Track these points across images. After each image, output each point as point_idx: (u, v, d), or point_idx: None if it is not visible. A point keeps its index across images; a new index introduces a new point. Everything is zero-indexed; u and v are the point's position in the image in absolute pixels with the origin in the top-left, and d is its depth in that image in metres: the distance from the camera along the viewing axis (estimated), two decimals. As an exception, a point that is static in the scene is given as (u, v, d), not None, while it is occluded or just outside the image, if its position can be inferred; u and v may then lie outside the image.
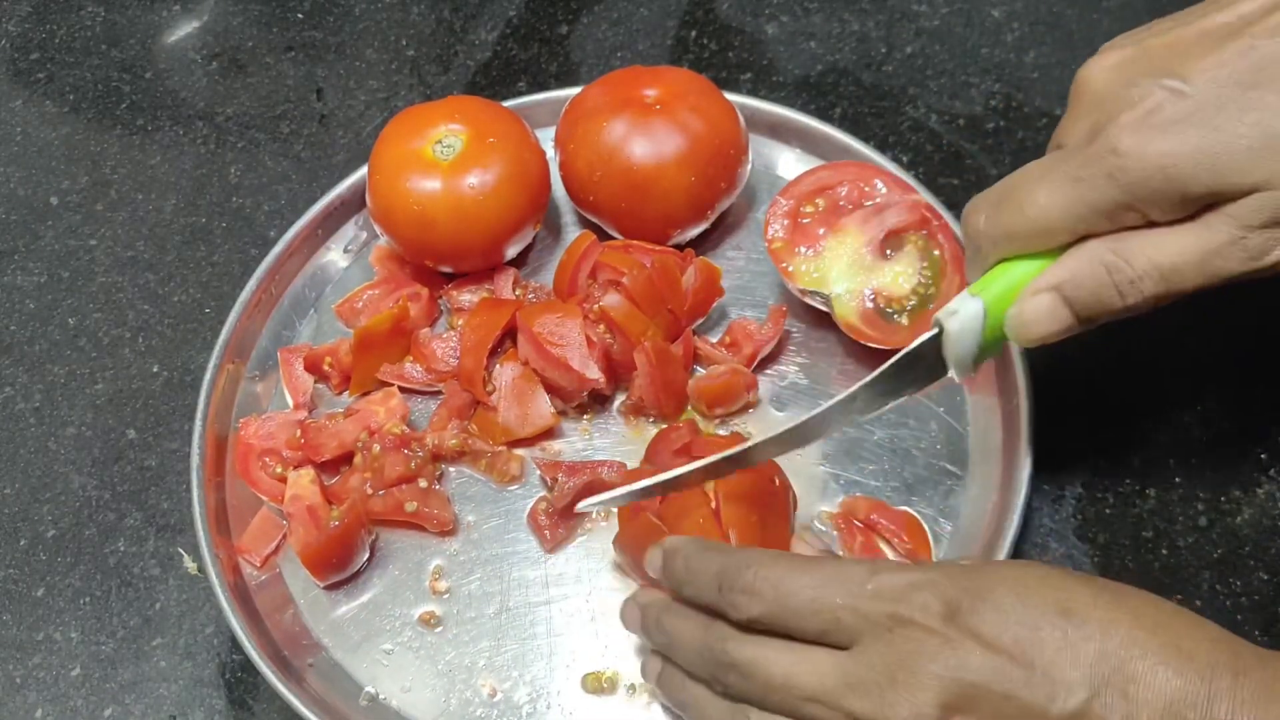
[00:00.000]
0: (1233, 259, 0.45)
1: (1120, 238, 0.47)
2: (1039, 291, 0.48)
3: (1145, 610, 0.43)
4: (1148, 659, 0.41)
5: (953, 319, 0.50)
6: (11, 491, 0.67)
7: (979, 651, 0.42)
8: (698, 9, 0.82)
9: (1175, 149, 0.44)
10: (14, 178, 0.79)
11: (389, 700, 0.58)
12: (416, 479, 0.61)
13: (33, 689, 0.61)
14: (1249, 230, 0.45)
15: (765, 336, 0.64)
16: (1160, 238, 0.46)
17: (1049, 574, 0.44)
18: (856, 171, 0.65)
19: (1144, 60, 0.47)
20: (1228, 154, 0.44)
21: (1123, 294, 0.47)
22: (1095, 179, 0.46)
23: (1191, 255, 0.46)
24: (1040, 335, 0.49)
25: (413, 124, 0.66)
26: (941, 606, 0.43)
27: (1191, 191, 0.45)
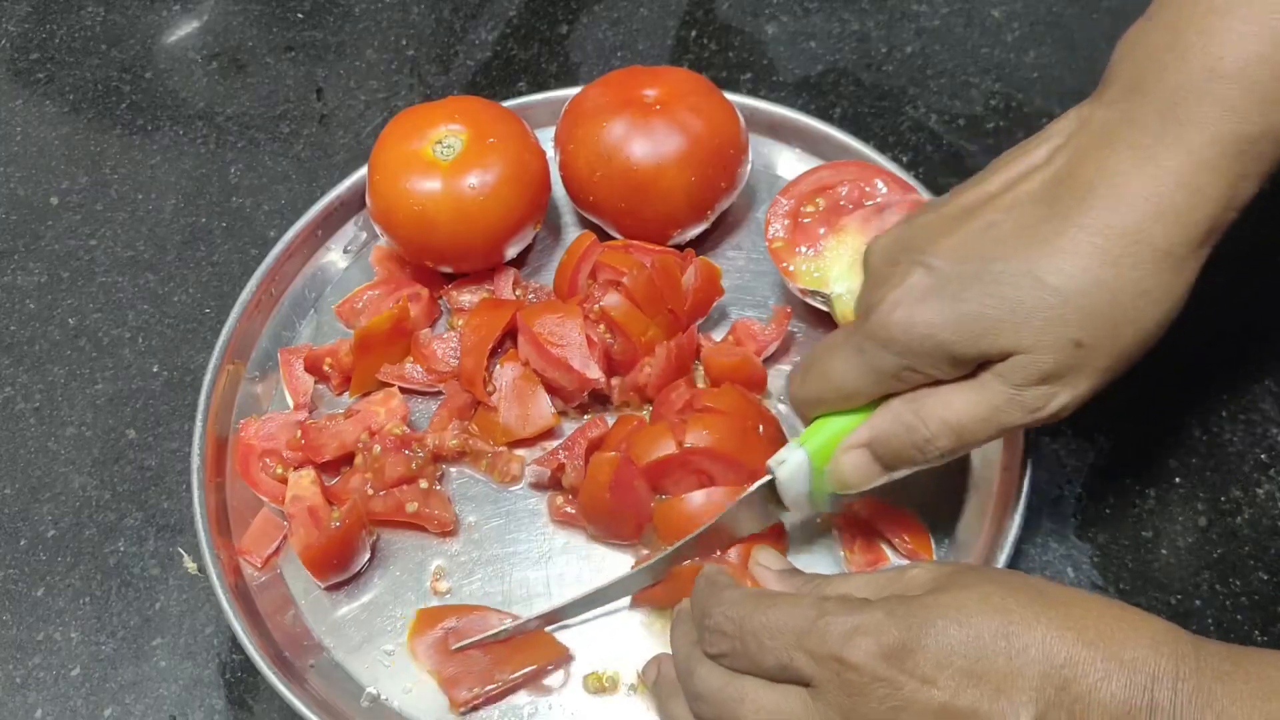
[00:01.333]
0: (1014, 413, 0.49)
1: (917, 396, 0.51)
2: (850, 448, 0.53)
3: (1088, 622, 0.43)
4: (1090, 676, 0.42)
5: (781, 467, 0.55)
6: (11, 491, 0.67)
7: (921, 691, 0.43)
8: (698, 9, 0.82)
9: (934, 319, 0.48)
10: (14, 178, 0.79)
11: (390, 701, 0.58)
12: (417, 479, 0.61)
13: (33, 689, 0.61)
14: (1020, 389, 0.48)
15: (769, 336, 0.65)
16: (949, 396, 0.50)
17: (990, 595, 0.44)
18: (857, 171, 0.65)
19: (906, 239, 0.51)
20: (979, 322, 0.48)
21: (922, 451, 0.51)
22: (876, 349, 0.50)
23: (977, 413, 0.49)
24: (856, 485, 0.53)
25: (413, 124, 0.66)
26: (881, 649, 0.43)
27: (958, 354, 0.48)
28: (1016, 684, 0.42)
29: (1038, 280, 0.47)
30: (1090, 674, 0.42)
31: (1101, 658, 0.42)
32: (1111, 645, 0.42)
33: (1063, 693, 0.42)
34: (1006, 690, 0.42)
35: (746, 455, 0.57)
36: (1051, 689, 0.42)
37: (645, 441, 0.58)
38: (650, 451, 0.58)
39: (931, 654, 0.43)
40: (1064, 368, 0.47)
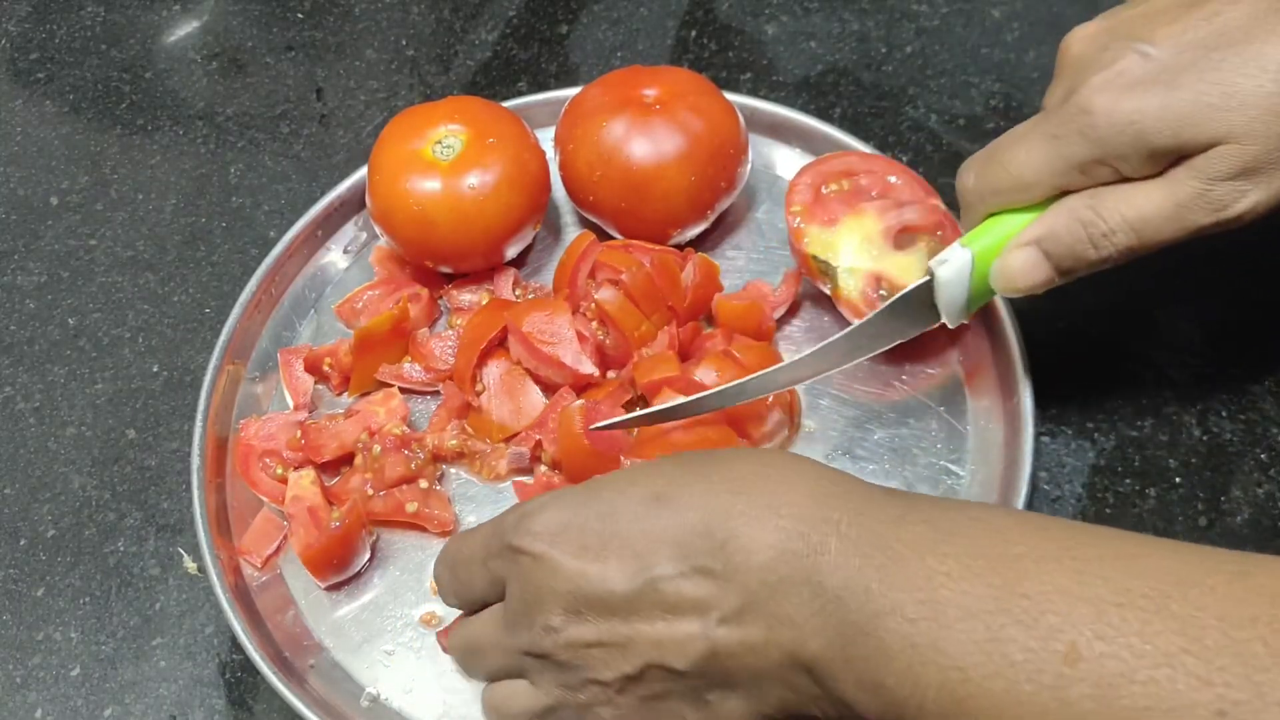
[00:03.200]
0: (1199, 211, 0.48)
1: (1096, 193, 0.50)
2: (1021, 246, 0.51)
3: (746, 474, 0.43)
4: (738, 519, 0.42)
5: (943, 267, 0.53)
6: (11, 491, 0.67)
7: (580, 565, 0.44)
8: (698, 9, 0.82)
9: (1141, 106, 0.47)
10: (14, 178, 0.79)
11: (390, 701, 0.58)
12: (417, 480, 0.61)
13: (33, 689, 0.61)
14: (1213, 183, 0.47)
15: (780, 299, 0.65)
16: (1132, 193, 0.49)
17: (659, 464, 0.46)
18: (884, 166, 0.65)
19: (1118, 27, 0.50)
20: (1190, 111, 0.47)
21: (1097, 247, 0.50)
22: (1069, 136, 0.49)
23: (1161, 208, 0.48)
24: (1023, 287, 0.52)
25: (413, 124, 0.66)
26: (543, 528, 0.45)
27: (1158, 146, 0.47)
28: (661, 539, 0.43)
29: (1258, 67, 0.46)
30: (737, 518, 0.42)
31: (749, 503, 0.42)
32: (764, 494, 0.43)
33: (708, 540, 0.42)
34: (650, 549, 0.43)
35: (744, 416, 0.58)
36: (698, 540, 0.42)
37: (650, 363, 0.59)
38: (652, 371, 0.59)
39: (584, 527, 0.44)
40: (1266, 161, 0.47)
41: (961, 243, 0.53)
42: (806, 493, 0.42)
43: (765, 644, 0.42)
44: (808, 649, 0.41)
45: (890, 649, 0.39)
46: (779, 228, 0.69)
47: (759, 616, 0.41)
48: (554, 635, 0.45)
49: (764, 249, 0.69)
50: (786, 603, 0.41)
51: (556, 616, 0.44)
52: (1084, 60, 0.50)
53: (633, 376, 0.62)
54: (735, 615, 0.42)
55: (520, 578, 0.45)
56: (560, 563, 0.44)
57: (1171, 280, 0.66)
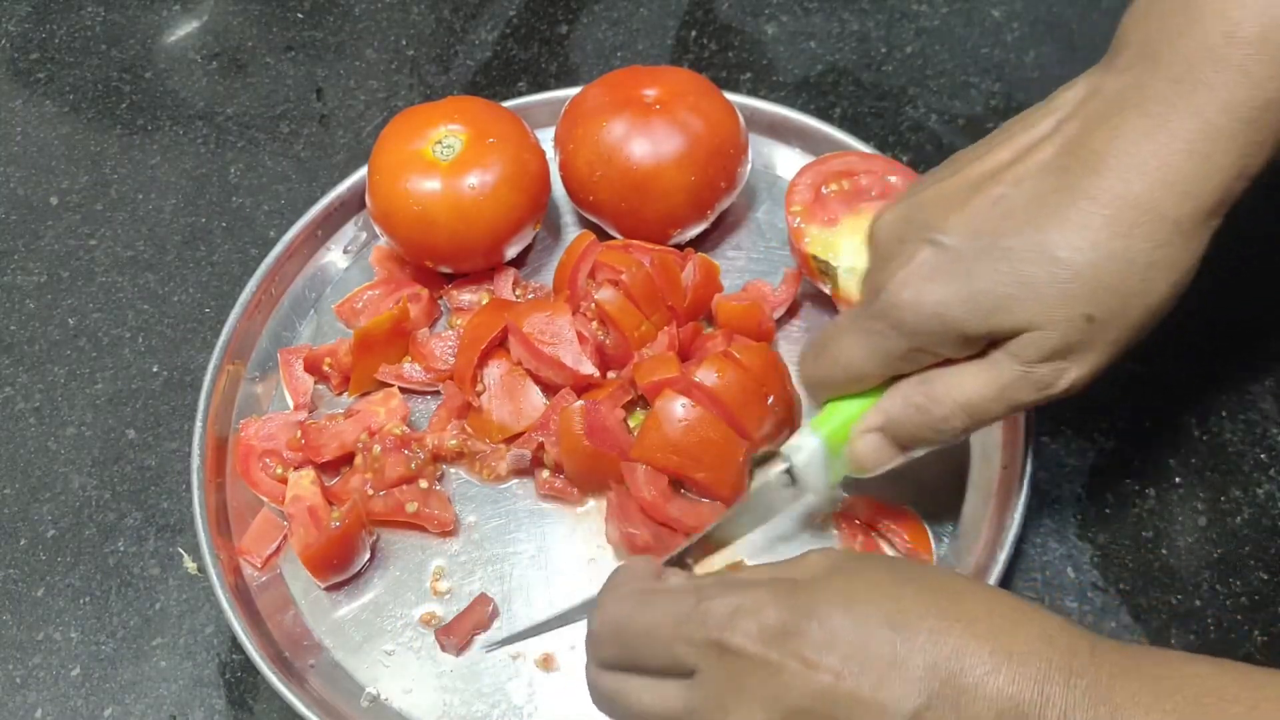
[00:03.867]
0: (1024, 391, 0.49)
1: (926, 377, 0.51)
2: (865, 432, 0.53)
3: (979, 614, 0.42)
4: (978, 670, 0.41)
5: (798, 454, 0.55)
6: (11, 491, 0.67)
7: (803, 674, 0.42)
8: (698, 9, 0.82)
9: (944, 297, 0.48)
10: (14, 178, 0.79)
11: (390, 701, 0.58)
12: (417, 480, 0.61)
13: (33, 689, 0.61)
14: (1031, 365, 0.48)
15: (780, 299, 0.65)
16: (960, 376, 0.50)
17: (880, 582, 0.44)
18: (884, 166, 0.65)
19: (914, 215, 0.50)
20: (990, 300, 0.47)
21: (937, 430, 0.51)
22: (885, 331, 0.50)
23: (988, 392, 0.49)
24: (874, 468, 0.54)
25: (413, 124, 0.66)
26: (761, 631, 0.42)
27: (968, 333, 0.48)
28: (901, 673, 0.41)
29: (1048, 255, 0.46)
30: (978, 667, 0.41)
31: (990, 650, 0.41)
32: (1001, 638, 0.42)
33: (948, 685, 0.41)
34: (890, 679, 0.41)
35: (745, 416, 0.58)
36: (937, 681, 0.41)
37: (651, 364, 0.59)
38: (652, 372, 0.59)
39: (814, 637, 0.42)
40: (1075, 343, 0.47)
41: (810, 427, 0.55)
42: (1040, 637, 0.42)
43: None
44: None
45: None
46: (779, 228, 0.69)
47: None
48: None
49: (764, 249, 0.69)
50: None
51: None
52: (886, 253, 0.51)
53: (633, 377, 0.62)
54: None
55: (725, 679, 0.43)
56: (782, 672, 0.42)
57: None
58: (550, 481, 0.61)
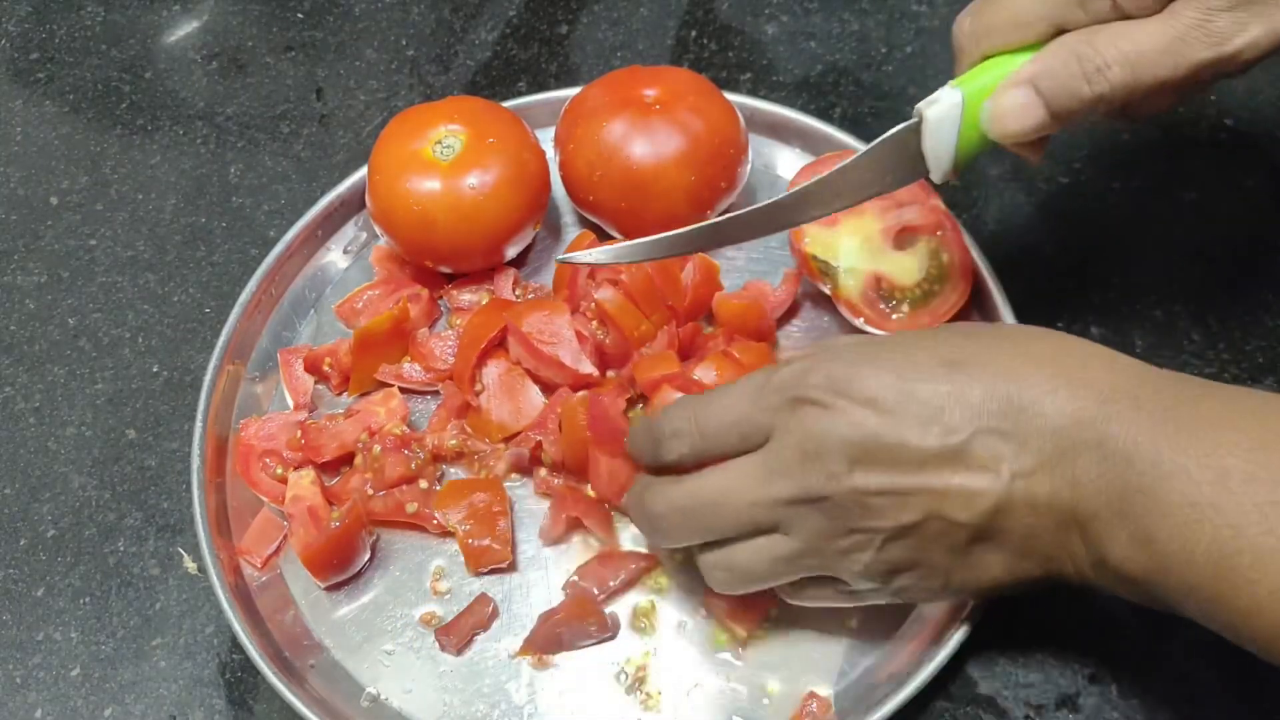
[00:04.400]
0: (1198, 44, 0.47)
1: (1093, 30, 0.48)
2: (1015, 84, 0.50)
3: (1044, 348, 0.45)
4: (1036, 389, 0.44)
5: (932, 107, 0.51)
6: (11, 491, 0.67)
7: (863, 412, 0.45)
8: (698, 9, 0.82)
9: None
10: (14, 178, 0.79)
11: (390, 701, 0.58)
12: (417, 480, 0.61)
13: (33, 689, 0.61)
14: (1214, 13, 0.46)
15: (780, 299, 0.65)
16: (1130, 28, 0.48)
17: (945, 332, 0.47)
18: None
19: None
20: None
21: (1091, 82, 0.48)
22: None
23: (1159, 41, 0.47)
24: (1014, 130, 0.50)
25: (413, 124, 0.66)
26: (828, 381, 0.46)
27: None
28: (958, 399, 0.44)
29: None
30: (1036, 387, 0.44)
31: (1050, 374, 0.44)
32: (1065, 364, 0.44)
33: (1006, 404, 0.44)
34: (948, 407, 0.44)
35: None
36: (995, 403, 0.44)
37: (650, 361, 0.60)
38: (652, 369, 0.59)
39: (875, 380, 0.45)
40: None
41: (953, 84, 0.51)
42: (1104, 368, 0.44)
43: (1048, 502, 0.44)
44: (1087, 506, 0.43)
45: (1168, 505, 0.41)
46: (779, 228, 0.69)
47: (1047, 477, 0.44)
48: (836, 480, 0.46)
49: (764, 249, 0.69)
50: (1075, 464, 0.43)
51: (841, 464, 0.46)
52: None
53: (632, 374, 0.62)
54: (1026, 474, 0.44)
55: (800, 428, 0.46)
56: (851, 412, 0.45)
57: (1172, 280, 0.66)
58: (548, 480, 0.61)
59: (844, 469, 0.46)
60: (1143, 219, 0.69)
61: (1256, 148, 0.71)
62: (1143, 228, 0.69)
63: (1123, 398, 0.43)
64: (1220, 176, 0.70)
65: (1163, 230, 0.68)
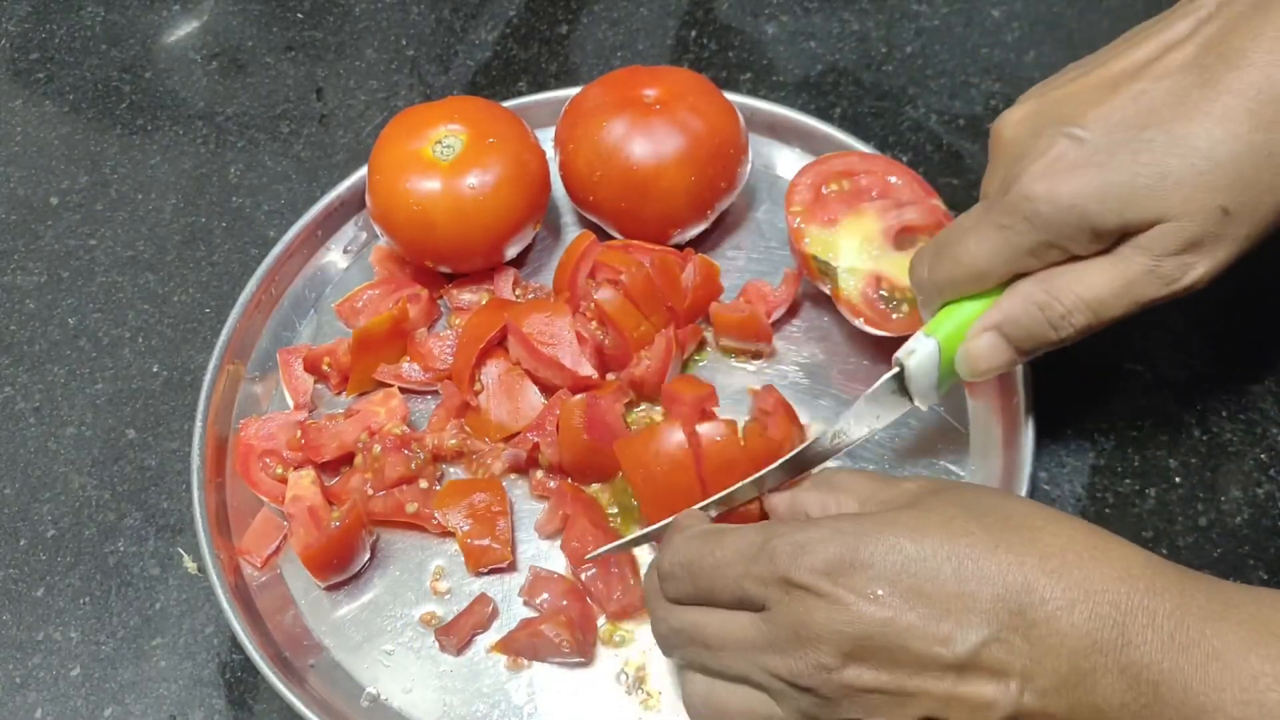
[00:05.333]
0: (1150, 285, 0.49)
1: (1048, 275, 0.50)
2: (982, 331, 0.53)
3: (1054, 549, 0.42)
4: (1051, 603, 0.41)
5: (911, 358, 0.54)
6: (11, 491, 0.67)
7: (865, 606, 0.43)
8: (698, 9, 0.82)
9: (1080, 190, 0.48)
10: (14, 178, 0.79)
11: (390, 701, 0.58)
12: (417, 480, 0.61)
13: (33, 689, 0.61)
14: (1160, 259, 0.48)
15: (779, 298, 0.65)
16: (1084, 273, 0.50)
17: (953, 517, 0.44)
18: (884, 166, 0.65)
19: (1047, 111, 0.51)
20: (1127, 192, 0.48)
21: (1056, 328, 0.51)
22: (1016, 224, 0.50)
23: (1113, 286, 0.49)
24: (986, 369, 0.53)
25: (413, 124, 0.66)
26: (824, 565, 0.43)
27: (1101, 227, 0.48)
28: (966, 605, 0.42)
29: (1188, 146, 0.47)
30: (1050, 602, 0.41)
31: (1065, 586, 0.41)
32: (1077, 574, 0.42)
33: (1018, 618, 0.41)
34: (955, 612, 0.42)
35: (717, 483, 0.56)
36: (1006, 614, 0.41)
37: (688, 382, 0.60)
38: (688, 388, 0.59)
39: (876, 570, 0.43)
40: (1208, 235, 0.47)
41: (925, 332, 0.54)
42: (1120, 576, 0.42)
43: None
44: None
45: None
46: (779, 228, 0.69)
47: (1064, 699, 0.41)
48: (827, 674, 0.43)
49: (764, 249, 0.69)
50: (1096, 690, 0.41)
51: (834, 658, 0.43)
52: (1018, 148, 0.51)
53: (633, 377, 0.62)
54: (1040, 693, 0.41)
55: (793, 613, 0.44)
56: (847, 605, 0.43)
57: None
58: (544, 482, 0.61)
59: (837, 663, 0.43)
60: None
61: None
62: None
63: (1145, 617, 0.41)
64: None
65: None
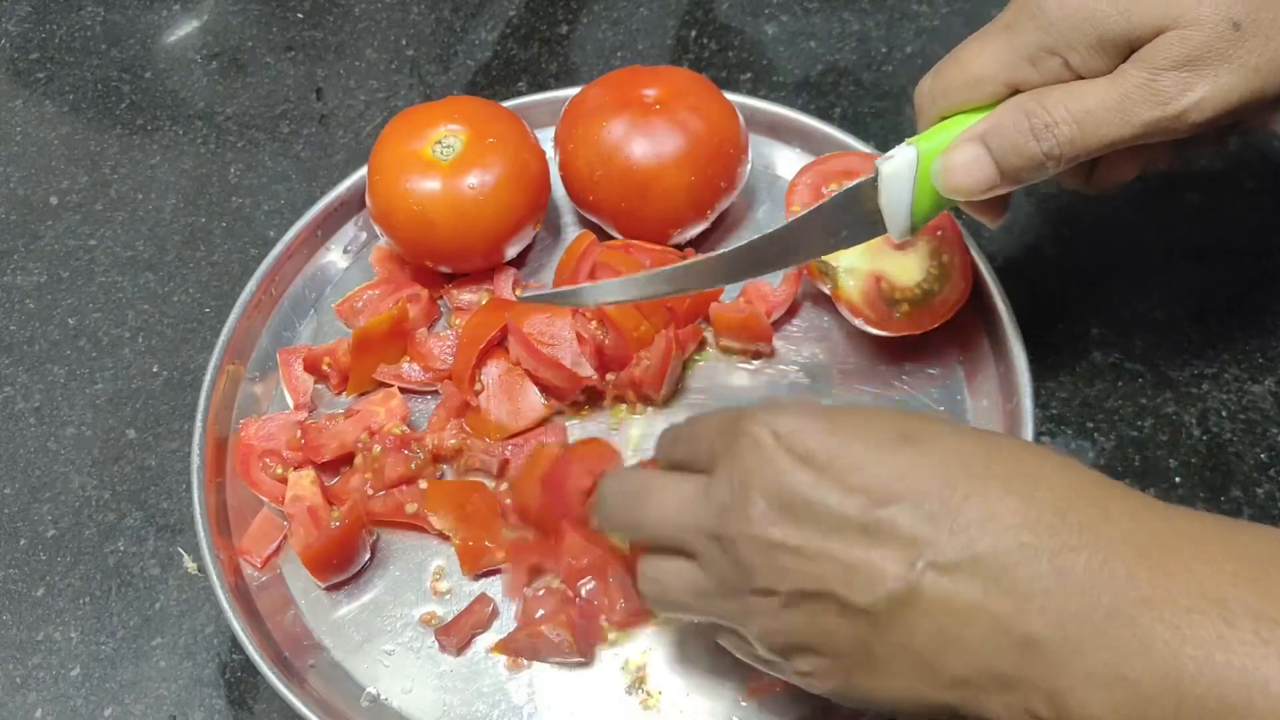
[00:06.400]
0: (1144, 103, 0.47)
1: (1044, 90, 0.49)
2: (965, 141, 0.50)
3: (1006, 447, 0.41)
4: (990, 483, 0.39)
5: (887, 163, 0.52)
6: (11, 491, 0.67)
7: (798, 464, 0.42)
8: (698, 9, 0.82)
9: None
10: (14, 178, 0.79)
11: (390, 701, 0.58)
12: (417, 480, 0.61)
13: (33, 689, 0.61)
14: (1158, 72, 0.46)
15: (779, 299, 0.65)
16: (1079, 87, 0.48)
17: (909, 414, 0.44)
18: None
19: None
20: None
21: (1039, 138, 0.48)
22: (1021, 25, 0.49)
23: (1106, 100, 0.47)
24: (964, 184, 0.50)
25: (413, 124, 0.66)
26: (771, 427, 0.43)
27: (1106, 32, 0.47)
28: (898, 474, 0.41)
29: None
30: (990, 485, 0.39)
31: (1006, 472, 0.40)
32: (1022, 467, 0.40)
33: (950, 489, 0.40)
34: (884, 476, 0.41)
35: None
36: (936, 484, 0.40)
37: None
38: None
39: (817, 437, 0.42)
40: (1212, 50, 0.46)
41: (909, 141, 0.52)
42: (1072, 480, 0.40)
43: (974, 608, 0.38)
44: (1028, 624, 0.37)
45: (1151, 639, 0.35)
46: (779, 228, 0.69)
47: (977, 577, 0.38)
48: (748, 524, 0.42)
49: (764, 249, 0.69)
50: (1019, 570, 0.37)
51: (758, 505, 0.42)
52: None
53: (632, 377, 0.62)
54: (950, 567, 0.38)
55: (737, 458, 0.44)
56: (780, 457, 0.43)
57: (1172, 280, 0.66)
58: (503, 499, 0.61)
59: (759, 512, 0.42)
60: (1143, 219, 0.69)
61: (1259, 149, 0.71)
62: (1143, 228, 0.69)
63: (1094, 510, 0.38)
64: (1222, 177, 0.70)
65: (1163, 230, 0.68)
